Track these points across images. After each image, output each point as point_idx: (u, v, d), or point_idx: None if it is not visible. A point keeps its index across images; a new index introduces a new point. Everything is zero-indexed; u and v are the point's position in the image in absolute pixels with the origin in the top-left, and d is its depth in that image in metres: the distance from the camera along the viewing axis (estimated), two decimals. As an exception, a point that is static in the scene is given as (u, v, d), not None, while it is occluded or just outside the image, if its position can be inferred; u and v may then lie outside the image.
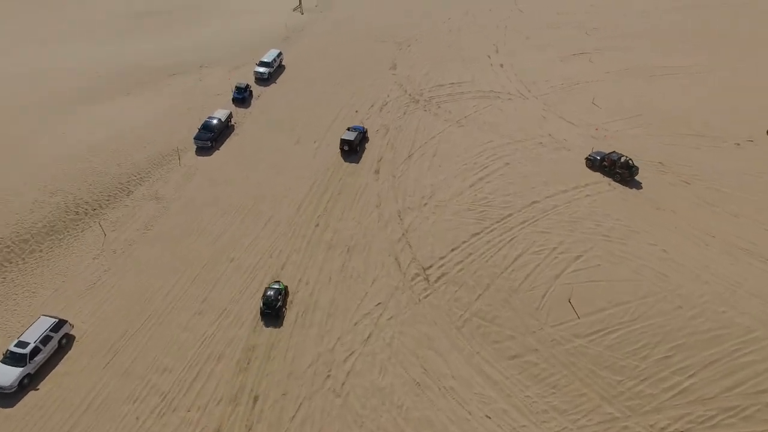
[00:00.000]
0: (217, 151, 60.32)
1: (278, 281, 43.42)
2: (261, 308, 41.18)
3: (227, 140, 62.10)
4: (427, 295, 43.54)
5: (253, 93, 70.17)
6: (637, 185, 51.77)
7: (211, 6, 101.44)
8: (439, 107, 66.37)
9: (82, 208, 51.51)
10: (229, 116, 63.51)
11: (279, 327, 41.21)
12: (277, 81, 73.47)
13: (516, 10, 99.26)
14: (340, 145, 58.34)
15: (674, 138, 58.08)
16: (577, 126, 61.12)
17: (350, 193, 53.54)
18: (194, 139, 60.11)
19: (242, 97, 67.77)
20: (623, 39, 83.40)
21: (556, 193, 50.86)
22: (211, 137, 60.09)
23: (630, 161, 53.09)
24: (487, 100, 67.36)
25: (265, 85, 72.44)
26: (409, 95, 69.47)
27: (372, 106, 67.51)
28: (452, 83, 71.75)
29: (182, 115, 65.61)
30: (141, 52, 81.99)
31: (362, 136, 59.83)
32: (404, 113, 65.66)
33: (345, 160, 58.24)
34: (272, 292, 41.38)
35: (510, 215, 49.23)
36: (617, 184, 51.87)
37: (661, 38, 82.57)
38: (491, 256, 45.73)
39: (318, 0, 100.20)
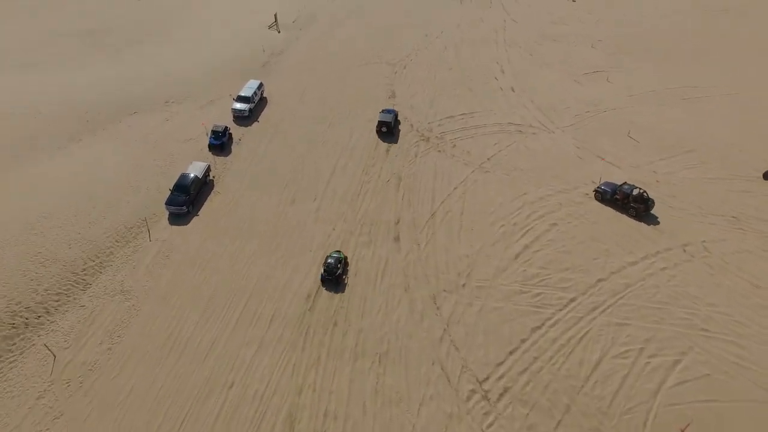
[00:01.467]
0: (195, 217, 47.05)
1: (338, 251, 42.07)
2: (322, 275, 40.39)
3: (207, 201, 48.88)
4: (491, 424, 32.34)
5: (233, 136, 56.87)
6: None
7: (175, 24, 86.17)
8: (454, 146, 54.81)
9: (20, 317, 37.67)
10: (207, 170, 50.24)
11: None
12: (260, 119, 60.15)
13: (509, 20, 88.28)
14: (378, 127, 56.37)
15: (742, 183, 48.31)
16: (621, 168, 50.72)
17: (369, 272, 41.52)
18: (166, 204, 46.63)
19: (220, 143, 54.24)
20: (633, 53, 73.62)
21: (624, 266, 40.23)
22: (187, 200, 46.81)
23: (645, 193, 44.57)
24: (509, 135, 56.19)
25: (246, 125, 59.09)
26: (417, 131, 57.58)
27: (376, 146, 55.38)
28: (463, 114, 60.22)
29: (149, 169, 51.87)
30: (92, 84, 66.93)
31: (396, 117, 57.82)
32: (415, 155, 53.79)
33: (383, 141, 56.65)
34: (332, 260, 40.39)
35: (574, 299, 38.33)
36: (693, 252, 41.54)
37: (671, 51, 73.17)
38: (563, 362, 34.75)
39: (296, 16, 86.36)
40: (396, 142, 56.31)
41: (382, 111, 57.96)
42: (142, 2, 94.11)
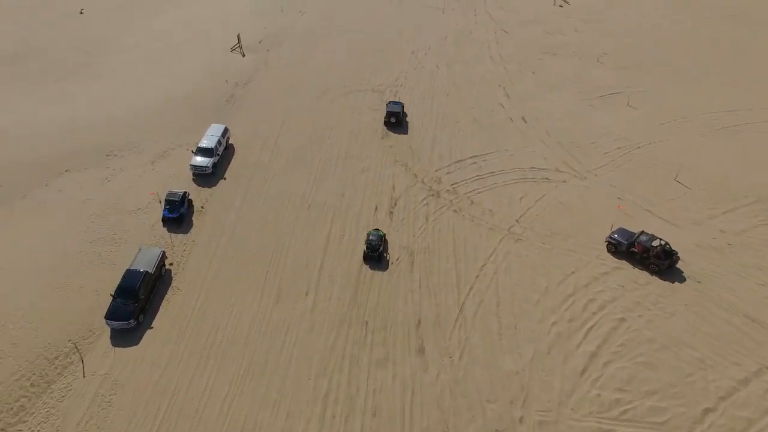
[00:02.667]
0: (148, 331, 33.89)
1: (377, 229, 39.88)
2: (365, 252, 37.97)
3: (163, 303, 35.94)
4: None
5: (194, 203, 43.58)
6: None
7: (119, 47, 71.16)
8: (472, 203, 43.17)
9: None
10: (162, 259, 37.25)
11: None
12: (227, 175, 46.93)
13: (500, 31, 76.92)
14: (387, 117, 52.94)
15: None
16: (681, 227, 40.11)
17: (392, 411, 29.45)
18: (106, 318, 33.33)
19: (178, 215, 41.14)
20: (646, 68, 63.34)
21: (734, 387, 29.50)
22: (136, 309, 33.61)
23: (667, 246, 35.77)
24: (535, 185, 44.89)
25: (210, 185, 45.82)
26: (423, 183, 45.59)
27: (376, 209, 43.13)
28: (474, 157, 48.58)
29: (82, 257, 38.32)
30: (5, 129, 52.23)
31: (402, 108, 54.24)
32: (426, 218, 41.88)
33: (391, 131, 52.14)
34: (374, 237, 38.15)
35: (677, 444, 27.58)
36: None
37: (687, 65, 63.30)
38: None
39: (262, 35, 72.30)
40: (406, 132, 52.33)
41: (390, 102, 54.74)
42: (84, 17, 78.47)
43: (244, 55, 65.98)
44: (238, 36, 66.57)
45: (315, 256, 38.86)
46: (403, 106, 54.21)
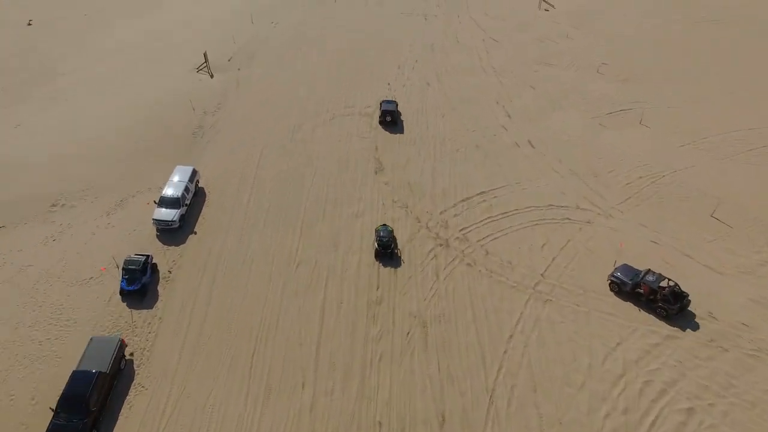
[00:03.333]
0: (103, 454, 26.55)
1: (385, 224, 36.89)
2: (377, 249, 35.59)
3: (124, 407, 28.22)
4: None
5: (159, 269, 35.77)
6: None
7: (63, 67, 61.89)
8: (487, 253, 36.56)
9: None
10: (120, 350, 29.43)
11: None
12: (198, 227, 39.13)
13: (488, 39, 70.54)
14: (382, 117, 50.04)
15: None
16: (729, 276, 34.15)
17: None
18: (47, 445, 25.85)
19: (139, 286, 33.01)
20: (650, 80, 57.73)
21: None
22: (85, 427, 26.09)
23: (677, 287, 31.50)
24: (556, 227, 38.47)
25: (178, 242, 37.88)
26: (428, 229, 38.76)
27: (377, 266, 36.24)
28: (482, 193, 41.99)
29: (14, 354, 30.11)
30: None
31: (396, 106, 51.71)
32: (437, 276, 35.04)
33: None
34: (384, 233, 35.70)
35: None
36: None
37: (693, 74, 58.02)
38: None
39: (231, 52, 63.84)
40: (402, 132, 49.15)
41: (384, 101, 51.48)
42: (31, 29, 68.68)
43: (212, 76, 57.72)
44: (205, 54, 58.13)
45: (310, 332, 31.68)
46: (396, 105, 51.48)
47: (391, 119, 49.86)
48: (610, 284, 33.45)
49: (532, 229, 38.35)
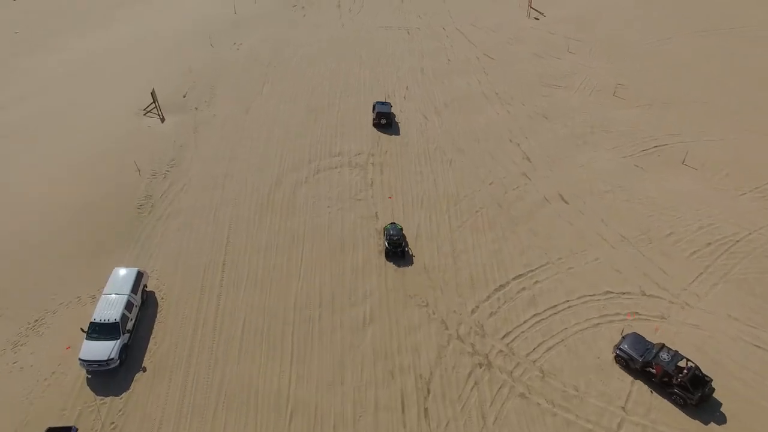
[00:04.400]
0: None
1: (393, 222, 33.84)
2: (387, 249, 32.03)
3: None
4: None
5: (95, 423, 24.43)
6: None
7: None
8: (543, 375, 26.26)
9: None
10: None
11: None
12: (148, 362, 27.13)
13: (483, 57, 60.45)
14: (377, 119, 45.06)
15: None
16: None
17: None
18: None
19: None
20: (675, 105, 48.76)
21: None
22: None
23: (697, 371, 25.23)
24: (624, 329, 29.04)
25: (119, 388, 26.06)
26: (460, 339, 28.28)
27: (402, 409, 25.77)
28: (519, 276, 31.82)
29: None
30: None
31: (391, 107, 46.78)
32: (483, 419, 24.54)
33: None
34: (395, 232, 32.36)
35: None
36: None
37: (714, 97, 49.37)
38: None
39: (186, 86, 50.98)
40: (398, 133, 44.64)
41: (378, 102, 47.10)
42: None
43: (163, 120, 45.33)
44: (153, 94, 45.55)
45: None
46: (391, 106, 47.39)
47: (386, 121, 45.70)
48: (615, 357, 27.00)
49: (594, 332, 28.54)
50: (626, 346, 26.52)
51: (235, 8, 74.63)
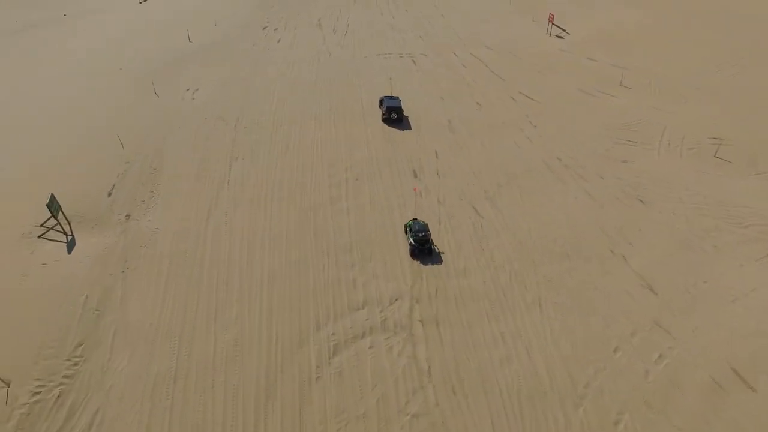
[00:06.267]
0: None
1: (415, 218, 28.70)
2: (412, 246, 27.19)
3: None
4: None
5: None
6: None
7: None
8: None
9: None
10: None
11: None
12: None
13: (521, 98, 43.75)
14: (387, 113, 39.40)
15: None
16: None
17: None
18: None
19: None
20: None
21: None
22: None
23: None
24: None
25: None
26: None
27: None
28: None
29: None
30: None
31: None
32: None
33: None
34: (419, 227, 27.51)
35: None
36: None
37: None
38: None
39: (116, 168, 30.71)
40: (409, 127, 35.33)
41: (386, 97, 40.63)
42: None
43: (69, 237, 26.36)
44: (51, 204, 26.48)
45: None
46: (400, 100, 41.40)
47: (396, 116, 40.57)
48: None
49: None
50: None
51: (190, 35, 54.99)
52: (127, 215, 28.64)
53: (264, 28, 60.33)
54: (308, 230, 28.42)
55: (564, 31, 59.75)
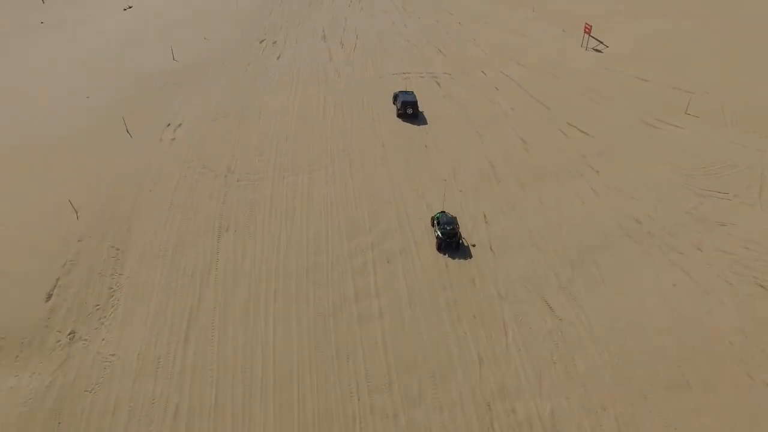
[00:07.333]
0: None
1: (443, 211, 26.03)
2: (440, 239, 24.82)
3: None
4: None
5: None
6: None
7: None
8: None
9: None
10: None
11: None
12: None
13: (573, 132, 35.10)
14: (402, 108, 36.51)
15: None
16: None
17: None
18: None
19: None
20: None
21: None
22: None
23: None
24: None
25: None
26: None
27: None
28: None
29: None
30: None
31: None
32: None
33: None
34: (447, 219, 25.27)
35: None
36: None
37: None
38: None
39: (64, 259, 22.61)
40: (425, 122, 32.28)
41: (401, 92, 38.11)
42: None
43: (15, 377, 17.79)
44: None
45: None
46: (415, 95, 37.50)
47: (412, 111, 36.59)
48: None
49: None
50: None
51: (174, 52, 45.56)
52: (71, 333, 19.69)
53: (261, 42, 51.04)
54: (328, 352, 19.65)
55: (602, 43, 50.99)
